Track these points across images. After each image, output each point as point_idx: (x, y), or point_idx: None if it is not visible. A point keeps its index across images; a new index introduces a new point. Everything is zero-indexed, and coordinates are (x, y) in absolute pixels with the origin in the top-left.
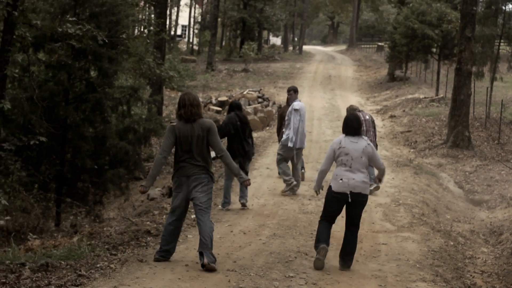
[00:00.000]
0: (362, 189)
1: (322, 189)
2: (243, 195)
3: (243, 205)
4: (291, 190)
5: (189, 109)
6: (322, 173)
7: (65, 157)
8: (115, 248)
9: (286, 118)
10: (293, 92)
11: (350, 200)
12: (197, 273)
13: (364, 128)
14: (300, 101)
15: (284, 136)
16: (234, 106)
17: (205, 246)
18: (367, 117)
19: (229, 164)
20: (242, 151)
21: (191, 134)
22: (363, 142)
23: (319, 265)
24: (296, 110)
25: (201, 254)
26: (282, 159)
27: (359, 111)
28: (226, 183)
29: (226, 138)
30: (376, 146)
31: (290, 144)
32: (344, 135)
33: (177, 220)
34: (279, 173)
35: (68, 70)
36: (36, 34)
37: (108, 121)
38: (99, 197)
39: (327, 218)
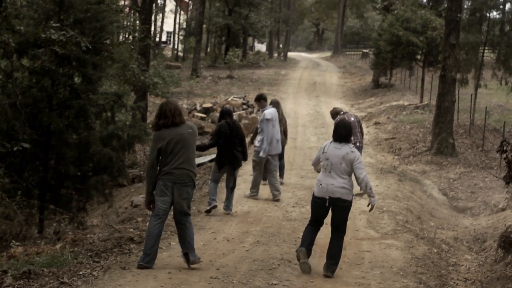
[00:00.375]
0: (342, 194)
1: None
2: (228, 204)
3: (228, 210)
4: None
5: (170, 120)
6: (312, 162)
7: (48, 163)
8: (98, 255)
9: (258, 126)
10: (263, 100)
11: (327, 204)
12: (180, 281)
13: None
14: (271, 106)
15: (257, 144)
16: (224, 113)
17: (190, 247)
18: (352, 118)
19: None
20: (232, 158)
21: (179, 138)
22: (346, 149)
23: (305, 268)
24: (268, 120)
25: (186, 254)
26: (256, 166)
27: (344, 113)
28: (212, 184)
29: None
30: (361, 147)
31: (262, 155)
32: (331, 141)
33: (162, 223)
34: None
35: (52, 76)
36: (20, 40)
37: (92, 127)
38: (83, 204)
39: (313, 222)
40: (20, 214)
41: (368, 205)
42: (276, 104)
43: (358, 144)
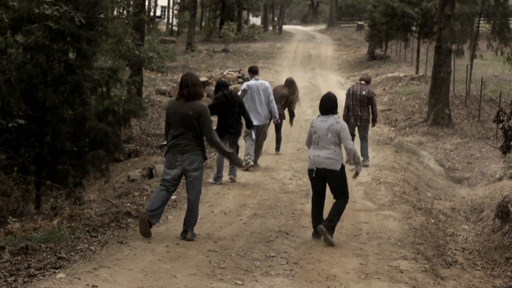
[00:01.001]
0: (328, 164)
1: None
2: (232, 170)
3: (232, 179)
4: (246, 170)
5: (192, 89)
6: (306, 141)
7: (44, 139)
8: (95, 230)
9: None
10: (250, 73)
11: (316, 175)
12: (178, 254)
13: (351, 103)
14: (257, 79)
15: None
16: (220, 85)
17: (189, 224)
18: (364, 92)
19: (218, 149)
20: (231, 129)
21: (185, 112)
22: (331, 120)
23: (330, 243)
24: (243, 90)
25: (185, 230)
26: (245, 135)
27: (360, 84)
28: (219, 157)
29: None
30: (367, 121)
31: None
32: (319, 114)
33: (166, 191)
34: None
35: (46, 52)
36: (13, 16)
37: (88, 102)
38: (79, 179)
39: (314, 195)
40: (16, 190)
41: (353, 172)
42: (287, 82)
43: (364, 117)
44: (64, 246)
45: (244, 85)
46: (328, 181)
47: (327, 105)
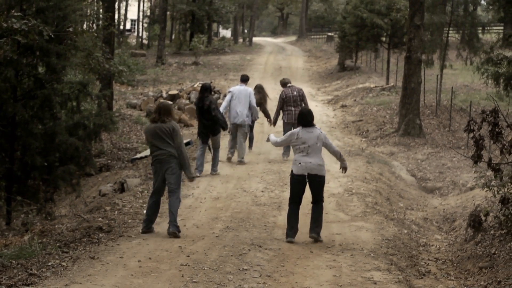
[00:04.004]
0: (318, 170)
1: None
2: (214, 164)
3: (214, 172)
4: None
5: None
6: (277, 144)
7: (14, 154)
8: (66, 246)
9: None
10: (240, 81)
11: (307, 180)
12: (150, 269)
13: (292, 101)
14: (242, 86)
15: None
16: (203, 88)
17: (171, 219)
18: (295, 92)
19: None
20: (203, 129)
21: (160, 131)
22: (317, 131)
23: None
24: (228, 92)
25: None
26: (229, 132)
27: (290, 85)
28: (201, 151)
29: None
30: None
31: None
32: (300, 127)
33: (154, 198)
34: None
35: (15, 67)
36: None
37: (58, 117)
38: (50, 195)
39: (294, 199)
40: None
41: (341, 170)
42: (257, 88)
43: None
44: (35, 262)
45: (229, 90)
46: (313, 186)
47: (310, 118)
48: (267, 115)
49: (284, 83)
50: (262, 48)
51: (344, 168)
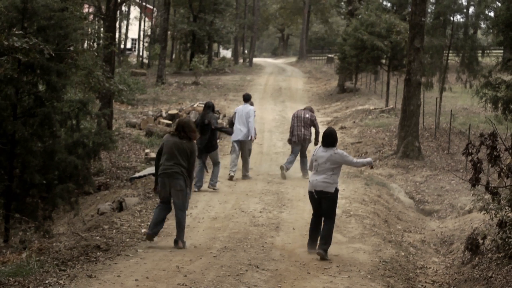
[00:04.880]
0: (323, 187)
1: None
2: (213, 178)
3: (212, 187)
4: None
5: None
6: (310, 167)
7: (13, 172)
8: (64, 264)
9: None
10: (243, 100)
11: (315, 196)
12: None
13: (296, 123)
14: (245, 105)
15: None
16: (205, 106)
17: (178, 231)
18: (307, 115)
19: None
20: (199, 145)
21: (178, 147)
22: (330, 151)
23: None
24: (235, 113)
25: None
26: (231, 151)
27: (305, 109)
28: (199, 166)
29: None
30: (307, 140)
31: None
32: (320, 146)
33: (162, 207)
34: None
35: (15, 84)
36: None
37: (57, 135)
38: (49, 213)
39: (313, 213)
40: None
41: (370, 167)
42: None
43: (307, 137)
44: (32, 280)
45: (235, 109)
46: (322, 201)
47: (329, 139)
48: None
49: (307, 109)
50: (262, 68)
51: (371, 166)
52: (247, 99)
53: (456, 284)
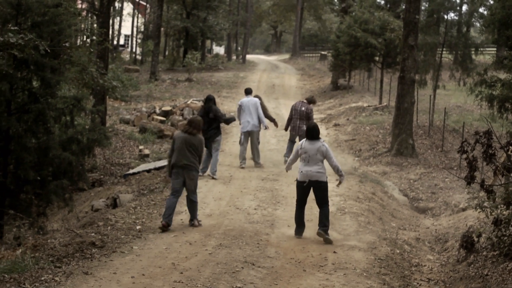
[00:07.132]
0: (318, 177)
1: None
2: (213, 167)
3: (212, 175)
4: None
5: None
6: (290, 161)
7: (7, 168)
8: (59, 261)
9: None
10: (245, 93)
11: (307, 185)
12: (144, 285)
13: (294, 115)
14: (249, 97)
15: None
16: (207, 99)
17: (192, 216)
18: (303, 108)
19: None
20: (204, 133)
21: (189, 142)
22: (318, 143)
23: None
24: (239, 106)
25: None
26: (240, 143)
27: (302, 101)
28: (205, 155)
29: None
30: (300, 131)
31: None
32: (305, 139)
33: (173, 198)
34: None
35: (9, 81)
36: None
37: (51, 131)
38: (43, 209)
39: (299, 202)
40: None
41: (337, 183)
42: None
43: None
44: (28, 277)
45: (239, 102)
46: (316, 190)
47: (313, 132)
48: (271, 119)
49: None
50: (255, 65)
51: (340, 182)
52: (249, 92)
53: (452, 282)
